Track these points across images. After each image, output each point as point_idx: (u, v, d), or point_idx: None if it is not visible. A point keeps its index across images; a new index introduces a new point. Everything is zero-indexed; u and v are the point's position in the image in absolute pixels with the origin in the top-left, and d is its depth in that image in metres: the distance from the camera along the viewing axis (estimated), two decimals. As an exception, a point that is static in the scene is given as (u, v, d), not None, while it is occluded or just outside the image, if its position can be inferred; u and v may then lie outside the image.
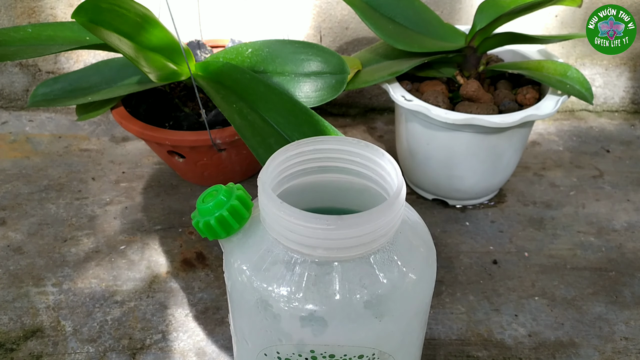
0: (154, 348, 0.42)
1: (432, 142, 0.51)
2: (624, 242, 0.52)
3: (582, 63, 0.72)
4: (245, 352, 0.30)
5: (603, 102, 0.73)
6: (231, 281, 0.28)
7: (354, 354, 0.27)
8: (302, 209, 0.25)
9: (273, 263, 0.26)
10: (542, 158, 0.64)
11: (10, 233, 0.53)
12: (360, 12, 0.53)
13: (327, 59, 0.51)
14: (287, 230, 0.25)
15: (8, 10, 0.66)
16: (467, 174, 0.52)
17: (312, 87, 0.50)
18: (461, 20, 0.67)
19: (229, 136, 0.50)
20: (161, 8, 0.53)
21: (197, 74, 0.53)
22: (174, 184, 0.59)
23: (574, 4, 0.47)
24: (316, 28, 0.68)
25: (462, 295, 0.47)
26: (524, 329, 0.44)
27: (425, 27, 0.55)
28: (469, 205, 0.56)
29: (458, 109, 0.50)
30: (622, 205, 0.57)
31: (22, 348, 0.42)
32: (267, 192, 0.26)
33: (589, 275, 0.49)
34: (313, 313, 0.25)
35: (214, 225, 0.27)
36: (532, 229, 0.54)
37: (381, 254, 0.26)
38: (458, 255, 0.50)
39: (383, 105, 0.73)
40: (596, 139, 0.68)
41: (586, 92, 0.50)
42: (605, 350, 0.42)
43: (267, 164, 0.28)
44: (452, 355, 0.42)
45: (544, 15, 0.68)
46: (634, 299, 0.47)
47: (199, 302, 0.46)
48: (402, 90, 0.51)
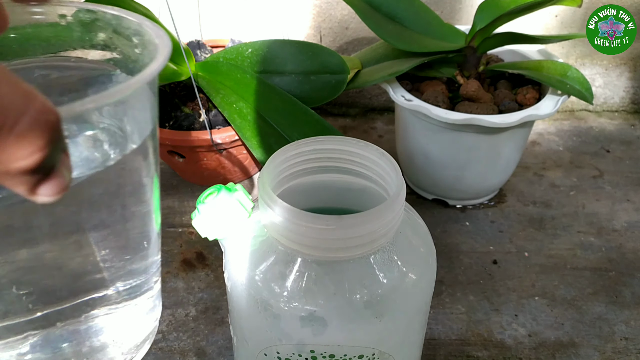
0: (154, 348, 0.42)
1: (432, 142, 0.51)
2: (624, 242, 0.52)
3: (582, 63, 0.72)
4: (245, 352, 0.30)
5: (603, 102, 0.73)
6: (231, 281, 0.28)
7: (354, 354, 0.27)
8: (302, 209, 0.25)
9: (273, 263, 0.26)
10: (542, 158, 0.64)
11: (10, 233, 0.53)
12: (360, 12, 0.53)
13: (327, 59, 0.51)
14: (287, 230, 0.25)
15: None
16: (467, 174, 0.53)
17: (312, 87, 0.50)
18: (461, 20, 0.67)
19: (229, 136, 0.50)
20: (161, 8, 0.53)
21: (197, 74, 0.53)
22: (174, 184, 0.59)
23: (574, 4, 0.47)
24: (316, 28, 0.68)
25: (462, 295, 0.47)
26: (524, 329, 0.44)
27: (425, 27, 0.55)
28: (469, 205, 0.56)
29: (458, 109, 0.50)
30: (622, 205, 0.57)
31: (22, 348, 0.42)
32: (267, 192, 0.26)
33: (589, 275, 0.49)
34: (313, 313, 0.26)
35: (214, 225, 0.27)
36: (532, 229, 0.54)
37: (381, 254, 0.26)
38: (458, 255, 0.50)
39: (383, 105, 0.73)
40: (596, 139, 0.68)
41: (586, 92, 0.50)
42: (605, 350, 0.42)
43: (267, 164, 0.28)
44: (452, 355, 0.42)
45: (544, 15, 0.68)
46: (634, 299, 0.47)
47: (199, 302, 0.46)
48: (402, 90, 0.51)
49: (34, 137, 0.17)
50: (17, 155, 0.17)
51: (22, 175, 0.18)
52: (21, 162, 0.17)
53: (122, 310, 0.32)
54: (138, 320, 0.35)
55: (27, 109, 0.16)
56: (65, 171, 0.19)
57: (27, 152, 0.17)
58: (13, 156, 0.17)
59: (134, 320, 0.35)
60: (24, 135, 0.17)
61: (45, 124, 0.17)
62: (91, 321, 0.30)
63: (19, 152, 0.17)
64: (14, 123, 0.16)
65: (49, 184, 0.19)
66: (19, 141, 0.17)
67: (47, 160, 0.18)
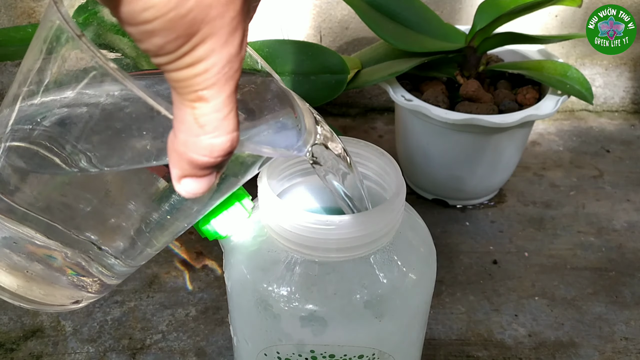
0: (154, 348, 0.42)
1: (432, 142, 0.51)
2: (624, 242, 0.52)
3: (582, 63, 0.72)
4: (245, 352, 0.30)
5: (603, 102, 0.73)
6: (231, 281, 0.28)
7: (354, 354, 0.27)
8: (302, 209, 0.25)
9: (273, 263, 0.26)
10: (542, 158, 0.64)
11: (10, 233, 0.53)
12: (360, 12, 0.52)
13: (327, 59, 0.51)
14: (287, 230, 0.25)
15: (8, 10, 0.66)
16: (467, 174, 0.52)
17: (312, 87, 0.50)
18: (461, 20, 0.67)
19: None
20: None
21: (197, 74, 0.53)
22: (174, 184, 0.59)
23: (574, 4, 0.47)
24: (316, 28, 0.68)
25: (462, 295, 0.46)
26: (524, 329, 0.44)
27: (425, 27, 0.55)
28: (469, 205, 0.56)
29: (458, 109, 0.50)
30: (622, 205, 0.57)
31: (22, 348, 0.42)
32: (267, 192, 0.26)
33: (589, 275, 0.49)
34: (313, 313, 0.25)
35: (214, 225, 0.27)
36: (532, 229, 0.54)
37: (381, 254, 0.26)
38: (458, 255, 0.50)
39: (383, 105, 0.73)
40: (596, 139, 0.68)
41: (586, 92, 0.50)
42: (605, 350, 0.42)
43: (267, 164, 0.28)
44: (452, 355, 0.42)
45: (544, 15, 0.68)
46: (634, 299, 0.47)
47: (199, 302, 0.46)
48: (402, 90, 0.51)
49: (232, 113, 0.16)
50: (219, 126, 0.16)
51: (208, 153, 0.17)
52: (219, 139, 0.16)
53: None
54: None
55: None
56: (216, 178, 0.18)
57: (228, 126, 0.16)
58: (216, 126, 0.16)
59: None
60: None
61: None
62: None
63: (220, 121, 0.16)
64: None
65: (203, 180, 0.18)
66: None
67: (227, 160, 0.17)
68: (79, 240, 0.25)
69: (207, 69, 0.15)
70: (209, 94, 0.16)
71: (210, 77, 0.15)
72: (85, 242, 0.25)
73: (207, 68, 0.15)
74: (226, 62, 0.15)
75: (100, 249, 0.25)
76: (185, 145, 0.16)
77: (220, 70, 0.15)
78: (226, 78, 0.16)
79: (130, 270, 0.28)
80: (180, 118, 0.16)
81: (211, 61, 0.15)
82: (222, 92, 0.16)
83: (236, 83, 0.16)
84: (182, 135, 0.16)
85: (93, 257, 0.26)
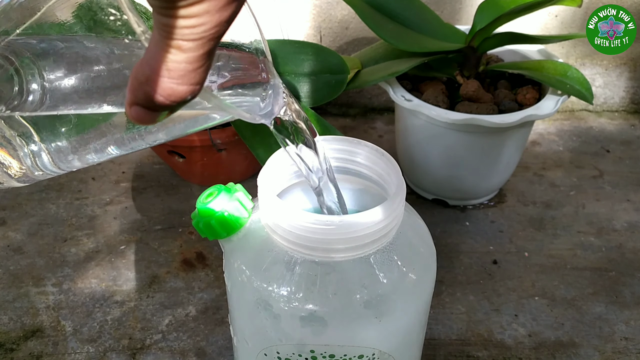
0: (154, 348, 0.42)
1: (432, 142, 0.51)
2: (624, 242, 0.52)
3: (582, 63, 0.72)
4: (245, 352, 0.30)
5: (603, 102, 0.73)
6: (231, 281, 0.28)
7: (354, 354, 0.27)
8: (303, 209, 0.25)
9: (273, 263, 0.26)
10: (542, 158, 0.64)
11: (10, 233, 0.53)
12: (360, 12, 0.52)
13: (327, 59, 0.51)
14: (287, 230, 0.25)
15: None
16: (467, 174, 0.52)
17: (312, 87, 0.50)
18: (461, 20, 0.67)
19: (229, 136, 0.50)
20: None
21: (197, 74, 0.53)
22: (174, 184, 0.59)
23: (574, 4, 0.47)
24: (316, 28, 0.68)
25: (462, 295, 0.47)
26: (524, 329, 0.44)
27: (425, 27, 0.55)
28: (469, 205, 0.56)
29: (458, 109, 0.50)
30: (622, 205, 0.57)
31: (22, 348, 0.42)
32: (267, 191, 0.26)
33: (589, 275, 0.49)
34: (313, 313, 0.25)
35: (214, 225, 0.27)
36: (532, 229, 0.54)
37: (381, 254, 0.26)
38: (458, 255, 0.50)
39: (383, 105, 0.73)
40: (596, 139, 0.68)
41: (586, 92, 0.50)
42: (605, 350, 0.42)
43: (268, 164, 0.28)
44: (452, 355, 0.42)
45: (544, 15, 0.68)
46: (634, 299, 0.47)
47: (199, 302, 0.46)
48: (402, 90, 0.51)
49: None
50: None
51: (168, 81, 0.18)
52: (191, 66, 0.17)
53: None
54: None
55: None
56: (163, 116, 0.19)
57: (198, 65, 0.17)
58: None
59: None
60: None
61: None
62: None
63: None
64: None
65: (152, 114, 0.18)
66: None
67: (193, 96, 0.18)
68: (21, 123, 0.26)
69: (196, 25, 0.17)
70: (188, 46, 0.17)
71: (195, 33, 0.17)
72: (26, 127, 0.26)
73: (196, 24, 0.17)
74: (214, 25, 0.17)
75: (40, 140, 0.26)
76: (147, 79, 0.18)
77: (207, 30, 0.17)
78: (208, 39, 0.17)
79: (58, 171, 0.28)
80: (152, 54, 0.17)
81: (202, 19, 0.17)
82: (200, 49, 0.17)
83: (215, 45, 0.18)
84: (147, 68, 0.17)
85: (27, 143, 0.26)
